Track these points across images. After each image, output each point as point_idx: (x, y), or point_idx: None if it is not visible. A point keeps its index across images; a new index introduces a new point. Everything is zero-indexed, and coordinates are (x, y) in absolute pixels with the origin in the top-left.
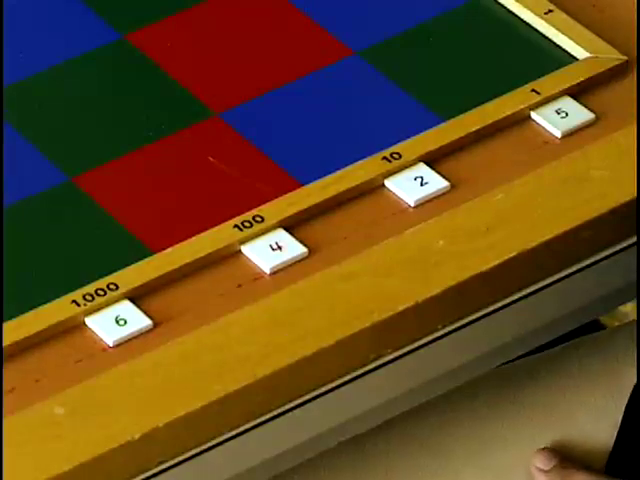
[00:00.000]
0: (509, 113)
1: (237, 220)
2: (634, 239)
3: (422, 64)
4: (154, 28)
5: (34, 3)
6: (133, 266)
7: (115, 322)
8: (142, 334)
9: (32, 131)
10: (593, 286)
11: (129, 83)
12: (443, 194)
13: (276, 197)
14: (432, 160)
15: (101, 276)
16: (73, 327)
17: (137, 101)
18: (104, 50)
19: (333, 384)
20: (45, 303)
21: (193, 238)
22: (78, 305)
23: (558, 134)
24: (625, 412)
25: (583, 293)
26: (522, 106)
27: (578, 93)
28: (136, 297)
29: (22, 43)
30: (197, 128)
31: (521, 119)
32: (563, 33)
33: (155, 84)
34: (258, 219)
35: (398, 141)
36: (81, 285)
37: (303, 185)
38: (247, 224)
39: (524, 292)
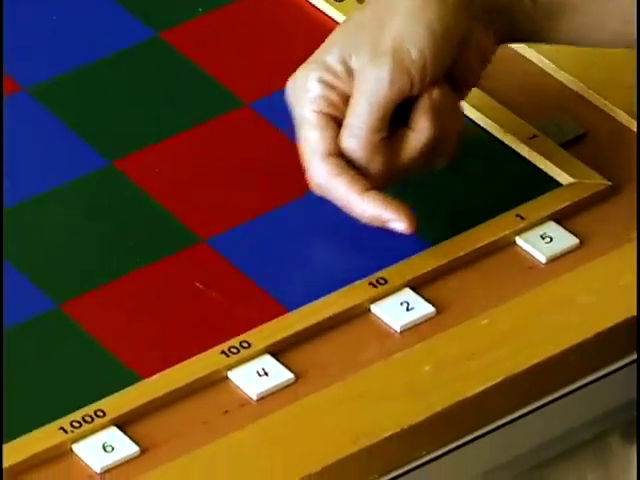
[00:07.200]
0: (494, 239)
1: (224, 346)
2: (619, 364)
3: (408, 189)
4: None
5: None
6: (120, 393)
7: (102, 449)
8: (129, 461)
9: (23, 260)
10: (580, 410)
11: (115, 208)
12: (429, 319)
13: (263, 323)
14: (418, 285)
15: (88, 403)
16: (60, 454)
17: (123, 227)
18: (91, 177)
19: None
20: (32, 430)
21: (180, 364)
22: (65, 432)
23: (543, 259)
24: None
25: (570, 417)
26: (507, 231)
27: (562, 218)
28: (123, 424)
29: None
30: (184, 254)
31: (506, 244)
32: (547, 158)
33: (140, 211)
34: (245, 345)
35: (384, 266)
36: (68, 412)
37: (289, 311)
38: (234, 350)
39: (510, 417)
